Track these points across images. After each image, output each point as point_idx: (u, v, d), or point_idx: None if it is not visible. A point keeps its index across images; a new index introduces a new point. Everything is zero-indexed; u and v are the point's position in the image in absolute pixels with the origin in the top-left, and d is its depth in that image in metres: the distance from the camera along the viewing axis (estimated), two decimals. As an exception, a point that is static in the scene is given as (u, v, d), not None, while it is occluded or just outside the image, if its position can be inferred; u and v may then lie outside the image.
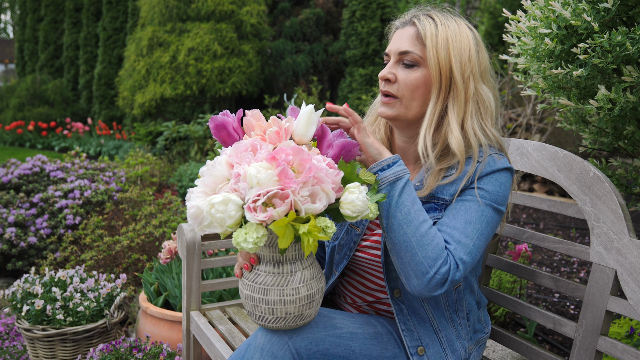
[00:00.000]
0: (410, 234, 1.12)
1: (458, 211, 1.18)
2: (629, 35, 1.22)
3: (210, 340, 1.70)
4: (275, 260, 1.10)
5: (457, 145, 1.19)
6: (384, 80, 1.26)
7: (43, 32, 13.00)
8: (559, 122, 1.73)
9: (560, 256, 3.59)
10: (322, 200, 1.01)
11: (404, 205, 1.13)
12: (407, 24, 1.26)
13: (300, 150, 1.02)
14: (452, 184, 1.21)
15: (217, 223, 0.99)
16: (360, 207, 1.03)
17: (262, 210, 0.97)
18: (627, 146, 1.56)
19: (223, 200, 0.97)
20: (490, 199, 1.19)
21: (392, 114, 1.26)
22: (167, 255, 2.35)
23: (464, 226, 1.16)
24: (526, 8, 1.48)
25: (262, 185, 0.97)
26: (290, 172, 0.99)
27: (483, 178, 1.19)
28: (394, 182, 1.13)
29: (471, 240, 1.16)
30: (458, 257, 1.14)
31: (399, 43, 1.25)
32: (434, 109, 1.22)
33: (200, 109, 8.44)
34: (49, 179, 3.78)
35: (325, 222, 1.01)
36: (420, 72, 1.22)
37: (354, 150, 1.15)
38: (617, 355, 1.20)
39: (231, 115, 1.15)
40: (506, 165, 1.21)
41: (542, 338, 2.44)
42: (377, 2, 7.06)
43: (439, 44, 1.20)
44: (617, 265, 1.20)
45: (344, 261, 1.34)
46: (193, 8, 7.49)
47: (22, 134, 11.33)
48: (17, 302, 2.31)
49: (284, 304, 1.08)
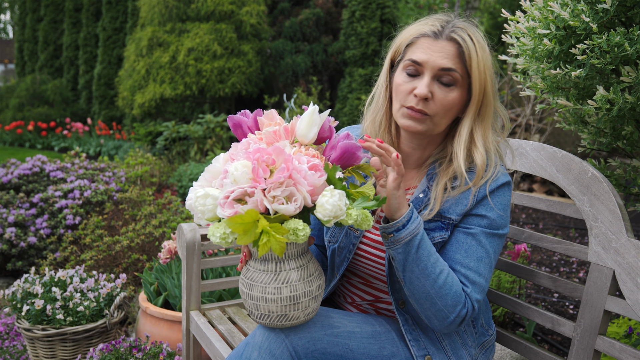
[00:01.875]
0: (428, 286, 1.15)
1: (469, 247, 1.20)
2: (627, 35, 1.22)
3: (209, 340, 1.70)
4: (262, 258, 1.12)
5: (482, 162, 1.21)
6: (421, 99, 1.19)
7: (43, 32, 12.99)
8: (558, 123, 1.73)
9: (559, 256, 3.59)
10: (297, 201, 1.00)
11: (420, 260, 1.14)
12: (441, 37, 1.19)
13: (282, 151, 1.02)
14: (459, 203, 1.21)
15: (201, 215, 1.04)
16: (331, 212, 1.00)
17: (230, 207, 0.99)
18: (626, 146, 1.56)
19: (204, 194, 1.02)
20: (496, 227, 1.21)
21: (422, 130, 1.22)
22: (167, 255, 2.35)
23: (477, 264, 1.19)
24: (525, 9, 1.48)
25: (238, 182, 1.00)
26: (261, 171, 1.00)
27: (486, 200, 1.20)
28: (409, 241, 1.13)
29: (484, 279, 1.20)
30: (475, 298, 1.19)
31: (438, 58, 1.18)
32: (469, 128, 1.22)
33: (200, 109, 8.44)
34: (48, 179, 3.78)
35: (296, 224, 0.99)
36: (457, 92, 1.20)
37: (357, 153, 1.13)
38: (615, 355, 1.20)
39: (249, 114, 1.18)
40: (507, 179, 1.23)
41: (541, 338, 2.44)
42: (376, 3, 7.05)
43: (480, 67, 1.18)
44: (615, 265, 1.21)
45: (344, 263, 1.35)
46: (193, 8, 7.49)
47: (21, 134, 11.32)
48: (17, 302, 2.32)
49: (266, 302, 1.10)
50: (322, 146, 1.18)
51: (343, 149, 1.11)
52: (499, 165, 1.24)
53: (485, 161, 1.21)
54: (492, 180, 1.21)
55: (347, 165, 1.15)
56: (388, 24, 7.06)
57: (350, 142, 1.12)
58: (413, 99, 1.20)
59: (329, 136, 1.15)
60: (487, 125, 1.24)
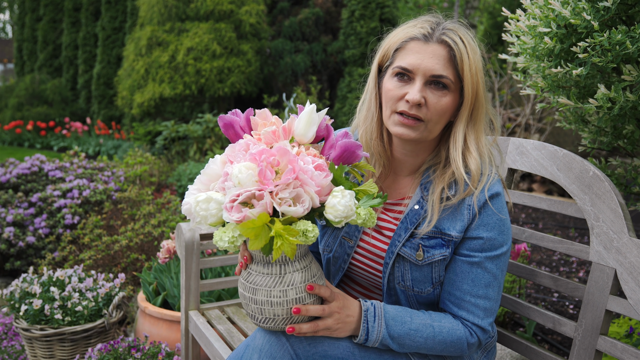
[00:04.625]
0: (429, 348, 1.20)
1: (476, 276, 1.20)
2: (628, 34, 1.22)
3: (208, 340, 1.69)
4: (265, 261, 1.09)
5: (476, 167, 1.19)
6: (413, 105, 1.16)
7: (42, 32, 12.99)
8: (558, 122, 1.73)
9: (559, 256, 3.59)
10: (305, 203, 0.99)
11: (402, 338, 1.17)
12: (431, 39, 1.16)
13: (286, 152, 1.00)
14: (457, 220, 1.19)
15: (202, 220, 1.01)
16: (343, 212, 0.99)
17: (238, 210, 0.97)
18: (627, 145, 1.55)
19: (206, 199, 1.00)
20: (499, 245, 1.20)
21: (415, 136, 1.19)
22: (166, 254, 2.34)
23: (485, 291, 1.20)
24: (525, 7, 1.48)
25: (243, 185, 0.97)
26: (269, 173, 0.98)
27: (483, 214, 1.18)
28: (383, 341, 1.16)
29: (494, 301, 1.22)
30: (488, 322, 1.21)
31: (429, 63, 1.15)
32: (463, 133, 1.20)
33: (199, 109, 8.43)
34: (47, 178, 3.77)
35: (305, 226, 0.98)
36: (450, 96, 1.18)
37: (357, 151, 1.11)
38: (616, 355, 1.19)
39: (240, 114, 1.15)
40: (498, 190, 1.21)
41: (541, 338, 2.44)
42: (376, 2, 7.05)
43: (472, 70, 1.16)
44: (617, 265, 1.20)
45: (340, 273, 1.34)
46: (192, 8, 7.48)
47: (20, 134, 11.32)
48: (15, 302, 2.31)
49: (272, 305, 1.08)
50: (320, 145, 1.17)
51: (343, 147, 1.10)
52: (493, 173, 1.22)
53: (479, 167, 1.19)
54: (487, 190, 1.19)
55: (347, 164, 1.13)
56: (387, 24, 7.05)
57: (350, 141, 1.10)
58: (405, 104, 1.17)
59: (326, 135, 1.14)
60: (480, 128, 1.22)
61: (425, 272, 1.21)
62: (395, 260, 1.23)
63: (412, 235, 1.21)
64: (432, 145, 1.27)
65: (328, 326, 1.13)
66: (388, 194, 1.31)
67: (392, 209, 1.29)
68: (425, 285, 1.23)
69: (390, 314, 1.17)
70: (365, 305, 1.17)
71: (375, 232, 1.28)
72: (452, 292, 1.22)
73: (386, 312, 1.17)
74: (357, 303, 1.18)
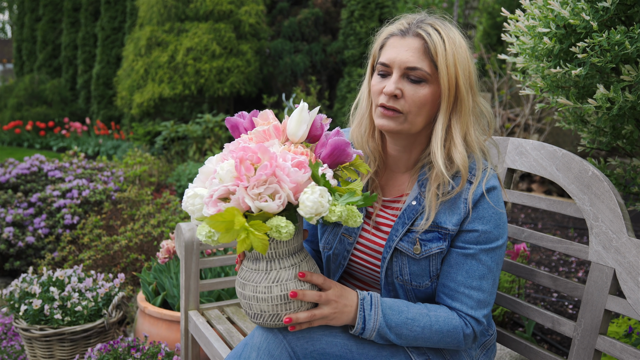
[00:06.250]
0: (426, 338, 1.20)
1: (470, 268, 1.20)
2: (627, 34, 1.22)
3: (208, 340, 1.70)
4: (254, 257, 1.12)
5: (462, 161, 1.19)
6: (390, 96, 1.19)
7: (41, 32, 12.98)
8: (557, 122, 1.73)
9: (558, 256, 3.59)
10: (281, 198, 1.01)
11: (400, 327, 1.18)
12: (408, 34, 1.19)
13: (266, 149, 1.03)
14: (454, 213, 1.20)
15: (191, 215, 1.07)
16: (311, 208, 1.00)
17: (214, 205, 1.01)
18: (626, 145, 1.56)
19: (193, 194, 1.05)
20: (494, 238, 1.20)
21: (396, 128, 1.21)
22: (166, 254, 2.35)
23: (479, 283, 1.20)
24: (525, 7, 1.48)
25: (223, 181, 1.02)
26: (243, 169, 1.00)
27: (479, 207, 1.19)
28: (379, 331, 1.17)
29: (488, 293, 1.22)
30: (482, 314, 1.22)
31: (404, 56, 1.18)
32: (443, 126, 1.20)
33: (199, 109, 8.43)
34: (47, 178, 3.77)
35: (278, 222, 0.99)
36: (428, 88, 1.18)
37: (347, 149, 1.12)
38: (616, 355, 1.19)
39: (246, 115, 1.19)
40: (494, 184, 1.21)
41: (540, 337, 2.44)
42: (375, 2, 7.05)
43: (449, 61, 1.16)
44: (616, 265, 1.20)
45: (340, 270, 1.35)
46: (191, 8, 7.48)
47: (20, 134, 11.31)
48: (14, 302, 2.31)
49: (257, 301, 1.10)
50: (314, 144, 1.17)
51: (333, 145, 1.11)
52: (489, 168, 1.22)
53: (465, 161, 1.19)
54: (484, 184, 1.19)
55: (339, 162, 1.14)
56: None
57: (339, 139, 1.11)
58: (384, 97, 1.20)
59: (321, 134, 1.15)
60: (466, 122, 1.21)
61: (423, 266, 1.23)
62: (393, 254, 1.24)
63: (409, 230, 1.23)
64: (424, 141, 1.28)
65: (325, 315, 1.13)
66: (386, 191, 1.32)
67: (390, 206, 1.30)
68: (424, 279, 1.24)
69: (387, 304, 1.19)
70: (362, 294, 1.19)
71: (374, 229, 1.30)
72: (446, 283, 1.23)
73: (383, 302, 1.19)
74: (354, 293, 1.19)
